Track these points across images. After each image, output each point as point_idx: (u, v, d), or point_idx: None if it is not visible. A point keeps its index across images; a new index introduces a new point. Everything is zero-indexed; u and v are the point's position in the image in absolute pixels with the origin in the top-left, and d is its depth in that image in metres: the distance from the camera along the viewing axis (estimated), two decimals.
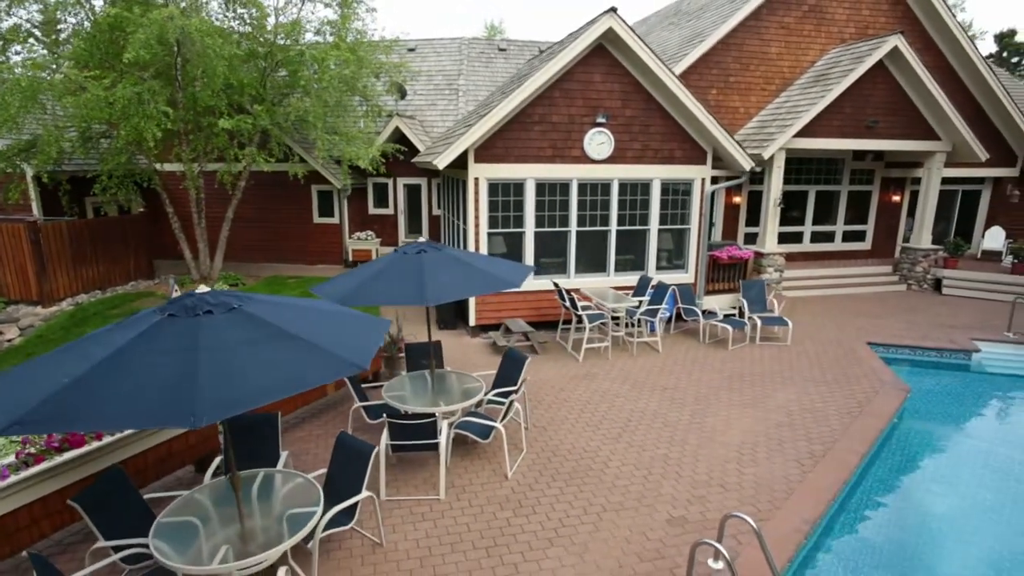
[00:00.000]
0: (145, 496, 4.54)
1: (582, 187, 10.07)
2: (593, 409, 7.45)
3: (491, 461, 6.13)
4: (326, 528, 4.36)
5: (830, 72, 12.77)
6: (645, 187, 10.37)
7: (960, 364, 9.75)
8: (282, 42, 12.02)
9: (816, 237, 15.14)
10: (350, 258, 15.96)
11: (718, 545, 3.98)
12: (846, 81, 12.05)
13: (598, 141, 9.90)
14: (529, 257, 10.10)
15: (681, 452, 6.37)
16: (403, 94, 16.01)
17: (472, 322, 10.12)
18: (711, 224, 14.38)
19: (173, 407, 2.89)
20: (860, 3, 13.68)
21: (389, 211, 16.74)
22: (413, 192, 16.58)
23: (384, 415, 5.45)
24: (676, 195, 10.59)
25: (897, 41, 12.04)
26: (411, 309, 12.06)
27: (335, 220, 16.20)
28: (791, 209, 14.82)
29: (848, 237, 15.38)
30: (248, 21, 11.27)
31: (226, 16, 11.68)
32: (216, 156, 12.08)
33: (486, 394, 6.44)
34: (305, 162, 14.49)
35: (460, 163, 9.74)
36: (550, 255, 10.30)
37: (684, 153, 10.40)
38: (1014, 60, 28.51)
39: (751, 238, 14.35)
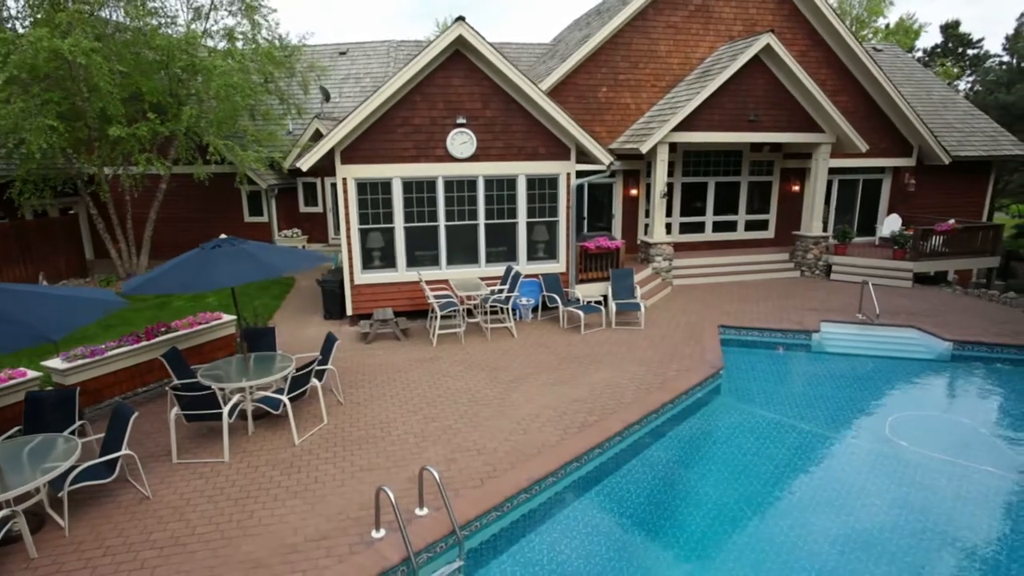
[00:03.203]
0: None
1: (448, 184, 10.78)
2: (415, 387, 8.21)
3: (291, 431, 6.90)
4: (80, 481, 5.17)
5: (712, 69, 13.35)
6: (511, 183, 11.06)
7: (801, 344, 10.40)
8: (193, 50, 12.80)
9: (719, 227, 15.74)
10: None
11: (387, 490, 4.74)
12: (720, 78, 12.63)
13: (460, 141, 10.60)
14: (401, 250, 10.84)
15: (467, 423, 7.11)
16: (327, 96, 16.76)
17: (348, 311, 10.90)
18: (611, 216, 15.07)
19: None
20: (747, 2, 14.21)
21: (319, 209, 17.55)
22: None
23: (168, 389, 6.25)
24: (543, 189, 11.26)
25: (769, 39, 12.59)
26: (303, 302, 12.85)
27: (265, 219, 17.03)
28: (694, 200, 15.43)
29: (751, 226, 15.97)
30: (145, 32, 12.01)
31: (130, 27, 12.44)
32: (124, 160, 12.91)
33: (298, 371, 7.20)
34: (209, 164, 15.10)
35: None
36: (423, 248, 11.03)
37: (548, 150, 11.08)
38: (959, 50, 28.77)
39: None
